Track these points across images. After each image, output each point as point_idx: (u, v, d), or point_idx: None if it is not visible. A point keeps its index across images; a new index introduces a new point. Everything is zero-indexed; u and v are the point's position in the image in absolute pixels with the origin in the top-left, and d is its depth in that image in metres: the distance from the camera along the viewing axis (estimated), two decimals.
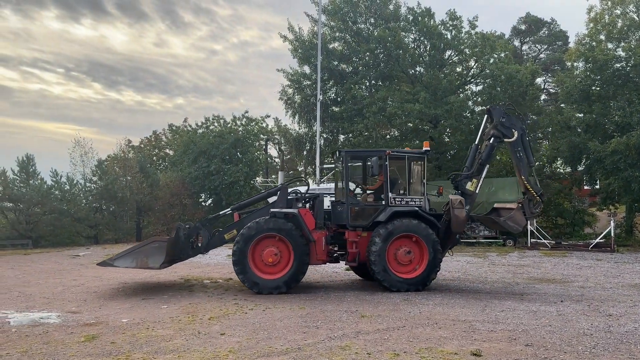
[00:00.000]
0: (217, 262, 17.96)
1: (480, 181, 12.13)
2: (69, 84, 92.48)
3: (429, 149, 12.24)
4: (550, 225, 30.06)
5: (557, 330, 7.48)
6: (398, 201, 11.56)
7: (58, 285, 12.51)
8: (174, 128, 44.78)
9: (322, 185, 28.68)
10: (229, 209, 12.86)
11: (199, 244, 11.84)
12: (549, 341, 6.83)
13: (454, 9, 32.59)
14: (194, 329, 7.61)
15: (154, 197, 32.46)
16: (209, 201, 37.67)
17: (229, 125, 37.82)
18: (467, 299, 10.25)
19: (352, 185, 12.49)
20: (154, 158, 44.37)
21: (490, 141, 12.12)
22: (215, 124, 38.29)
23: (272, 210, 11.38)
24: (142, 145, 44.46)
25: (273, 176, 40.31)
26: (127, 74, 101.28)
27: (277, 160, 47.11)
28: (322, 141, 34.47)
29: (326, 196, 24.72)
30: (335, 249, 11.91)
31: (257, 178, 37.92)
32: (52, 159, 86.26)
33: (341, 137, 37.83)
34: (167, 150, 45.47)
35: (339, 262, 12.14)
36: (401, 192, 11.92)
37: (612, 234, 22.64)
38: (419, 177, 12.15)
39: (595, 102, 28.16)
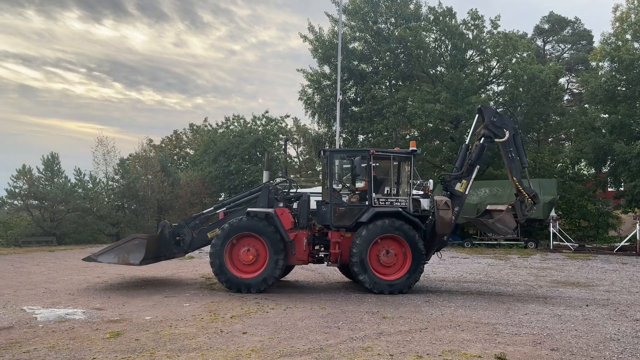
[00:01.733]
0: None
1: (470, 182, 11.84)
2: (91, 83, 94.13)
3: (415, 149, 12.02)
4: (573, 227, 29.57)
5: (584, 334, 7.35)
6: (382, 202, 11.41)
7: (82, 282, 12.71)
8: (194, 128, 45.23)
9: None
10: (212, 208, 13.07)
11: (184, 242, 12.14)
12: (575, 346, 6.71)
13: (475, 9, 32.30)
14: (216, 328, 7.66)
15: (175, 196, 32.79)
16: None
17: (249, 125, 38.06)
18: (489, 302, 10.13)
19: (339, 186, 12.44)
20: (175, 157, 44.90)
21: (481, 141, 11.82)
22: (235, 124, 38.57)
23: (248, 209, 11.41)
24: (163, 145, 45.00)
25: (292, 176, 40.41)
26: (147, 73, 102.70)
27: (296, 159, 47.19)
28: (342, 141, 34.40)
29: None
30: (322, 249, 11.83)
31: (277, 178, 38.06)
32: (74, 157, 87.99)
33: (360, 137, 37.77)
34: (188, 150, 45.94)
35: (323, 262, 11.98)
36: (386, 192, 11.77)
37: (638, 237, 22.16)
38: (405, 178, 11.98)
39: (620, 103, 27.65)
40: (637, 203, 27.02)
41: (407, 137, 37.12)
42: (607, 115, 29.08)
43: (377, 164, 11.87)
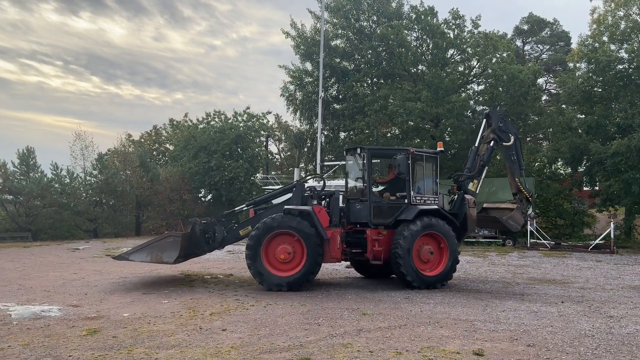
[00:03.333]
0: (218, 257, 17.96)
1: (480, 182, 12.57)
2: (68, 77, 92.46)
3: (442, 149, 12.60)
4: (549, 225, 30.08)
5: (559, 331, 7.48)
6: (418, 200, 11.64)
7: (58, 278, 12.50)
8: (174, 123, 44.77)
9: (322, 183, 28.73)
10: (244, 205, 12.78)
11: (215, 240, 11.75)
12: (550, 342, 6.83)
13: (457, 8, 32.55)
14: (195, 325, 7.61)
15: (154, 192, 32.46)
16: (209, 197, 37.71)
17: (229, 121, 37.82)
18: (467, 299, 10.25)
19: (358, 183, 12.35)
20: (154, 153, 44.41)
21: (490, 144, 12.64)
22: (216, 120, 38.28)
23: (285, 207, 11.25)
24: (142, 140, 44.48)
25: (273, 173, 40.31)
26: (125, 67, 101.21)
27: (277, 156, 47.08)
28: (323, 138, 34.44)
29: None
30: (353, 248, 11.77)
31: (258, 174, 37.95)
32: (51, 151, 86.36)
33: (342, 134, 37.82)
34: (168, 145, 45.48)
35: (353, 260, 12.26)
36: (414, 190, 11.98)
37: (612, 236, 22.64)
38: (432, 177, 12.30)
39: (596, 104, 28.13)
40: (612, 202, 27.60)
41: (389, 135, 37.33)
42: (583, 116, 29.58)
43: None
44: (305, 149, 39.27)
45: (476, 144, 12.99)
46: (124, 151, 33.44)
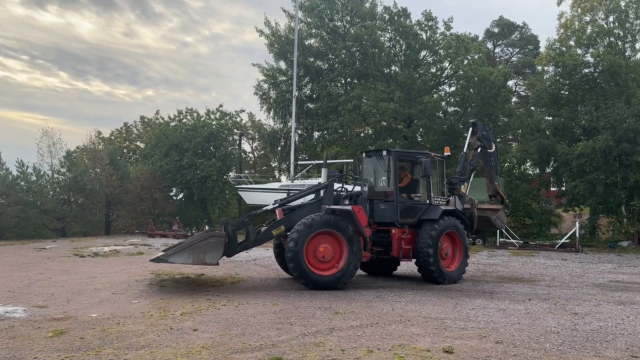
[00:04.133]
0: None
1: (469, 184, 14.09)
2: (34, 72, 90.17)
3: (449, 154, 13.61)
4: (518, 225, 30.72)
5: (526, 328, 7.64)
6: (436, 201, 12.45)
7: (23, 278, 12.18)
8: (145, 120, 44.08)
9: (296, 182, 28.69)
10: (271, 205, 12.52)
11: (247, 240, 11.53)
12: (518, 339, 6.98)
13: (429, 10, 32.97)
14: (165, 325, 7.51)
15: (124, 190, 31.94)
16: (181, 195, 37.28)
17: (202, 118, 37.44)
18: (438, 297, 10.39)
19: (380, 184, 12.90)
20: (125, 150, 43.66)
21: (478, 151, 14.11)
22: (188, 117, 37.86)
23: (328, 207, 11.30)
24: (112, 137, 43.68)
25: (246, 171, 40.06)
26: (95, 63, 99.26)
27: (250, 155, 46.82)
28: (297, 137, 34.41)
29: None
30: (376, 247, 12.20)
31: (230, 173, 37.67)
32: (16, 148, 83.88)
33: (316, 133, 37.85)
34: (138, 143, 44.77)
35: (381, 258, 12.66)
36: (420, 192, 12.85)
37: (577, 235, 23.27)
38: (441, 179, 13.28)
39: (563, 106, 28.88)
40: (577, 202, 28.37)
41: (362, 135, 37.53)
42: (551, 118, 30.34)
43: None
44: (279, 148, 39.18)
45: (465, 150, 14.34)
46: (93, 148, 32.81)
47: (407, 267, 14.68)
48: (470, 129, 14.62)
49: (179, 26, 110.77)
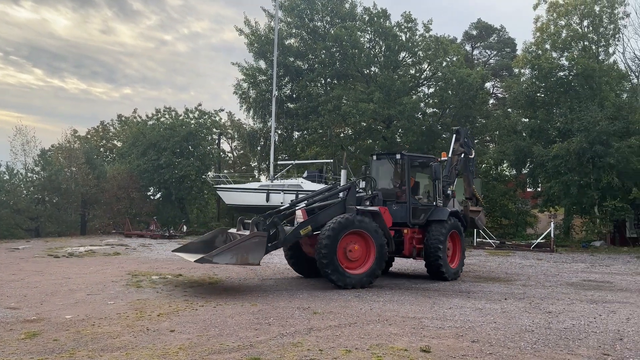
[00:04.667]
0: (166, 257, 17.60)
1: (453, 187, 14.94)
2: (8, 68, 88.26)
3: (446, 158, 14.64)
4: (495, 225, 31.15)
5: (502, 326, 7.76)
6: (440, 203, 13.23)
7: None
8: (123, 119, 43.49)
9: (276, 182, 28.63)
10: (298, 205, 12.45)
11: (278, 239, 11.35)
12: (493, 337, 7.08)
13: (409, 12, 33.22)
14: (142, 326, 7.42)
15: (101, 190, 31.46)
16: (158, 195, 36.88)
17: (180, 117, 37.09)
18: (416, 297, 10.47)
19: (391, 186, 13.57)
20: (101, 149, 43.01)
21: (462, 156, 15.21)
22: (167, 116, 37.47)
23: (357, 207, 11.63)
24: (89, 136, 43.00)
25: (225, 171, 39.82)
26: (71, 60, 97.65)
27: (230, 155, 46.56)
28: (277, 137, 34.34)
29: (279, 192, 24.92)
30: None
31: (209, 172, 37.40)
32: None
33: (296, 133, 37.81)
34: (115, 142, 44.16)
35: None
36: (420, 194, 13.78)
37: (552, 235, 23.70)
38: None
39: (539, 108, 29.37)
40: (552, 203, 28.90)
41: (342, 135, 37.62)
42: (527, 120, 30.83)
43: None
44: (259, 148, 39.02)
45: (449, 155, 15.19)
46: (69, 147, 32.21)
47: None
48: (454, 135, 15.55)
49: (158, 24, 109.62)
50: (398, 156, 13.15)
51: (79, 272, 13.27)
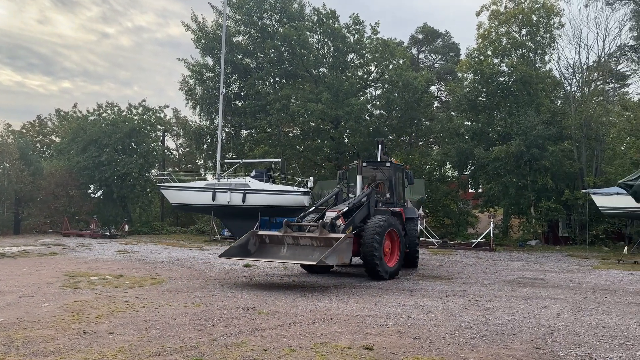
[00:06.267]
0: (106, 257, 17.01)
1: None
2: None
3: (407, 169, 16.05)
4: (438, 225, 32.01)
5: (442, 323, 7.98)
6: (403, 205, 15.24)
7: None
8: (62, 113, 41.62)
9: (222, 181, 28.23)
10: (313, 206, 14.36)
11: None
12: (434, 334, 7.27)
13: (357, 14, 33.60)
14: (79, 329, 7.13)
15: (36, 187, 30.01)
16: (99, 193, 35.57)
17: (123, 113, 35.91)
18: (360, 295, 10.61)
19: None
20: (38, 145, 41.01)
21: (387, 165, 16.04)
22: (109, 112, 36.18)
23: (389, 208, 13.80)
24: (24, 130, 40.85)
25: (170, 169, 38.89)
26: (4, 51, 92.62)
27: (175, 152, 45.53)
28: (224, 135, 33.87)
29: (226, 191, 24.81)
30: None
31: (153, 170, 36.43)
32: None
33: (244, 132, 37.47)
34: (54, 137, 42.21)
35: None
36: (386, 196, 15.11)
37: (492, 235, 24.61)
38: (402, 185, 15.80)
39: (481, 112, 30.43)
40: (492, 203, 30.04)
41: (290, 134, 37.59)
42: (469, 123, 31.89)
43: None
44: (205, 146, 38.34)
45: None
46: (1, 142, 30.52)
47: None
48: (379, 146, 16.62)
49: (99, 16, 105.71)
50: (388, 164, 15.05)
51: (10, 274, 12.61)
